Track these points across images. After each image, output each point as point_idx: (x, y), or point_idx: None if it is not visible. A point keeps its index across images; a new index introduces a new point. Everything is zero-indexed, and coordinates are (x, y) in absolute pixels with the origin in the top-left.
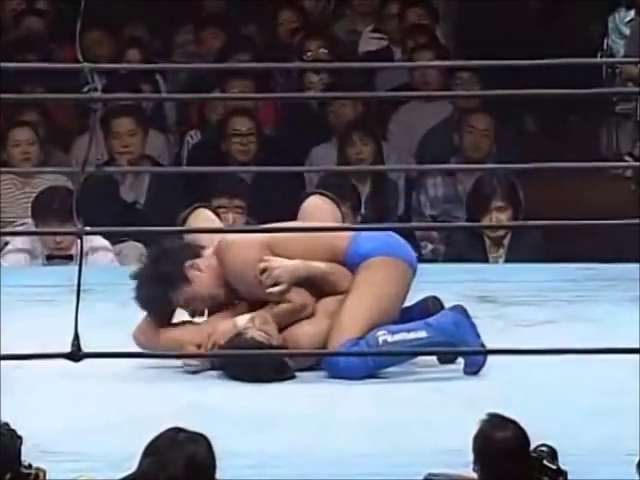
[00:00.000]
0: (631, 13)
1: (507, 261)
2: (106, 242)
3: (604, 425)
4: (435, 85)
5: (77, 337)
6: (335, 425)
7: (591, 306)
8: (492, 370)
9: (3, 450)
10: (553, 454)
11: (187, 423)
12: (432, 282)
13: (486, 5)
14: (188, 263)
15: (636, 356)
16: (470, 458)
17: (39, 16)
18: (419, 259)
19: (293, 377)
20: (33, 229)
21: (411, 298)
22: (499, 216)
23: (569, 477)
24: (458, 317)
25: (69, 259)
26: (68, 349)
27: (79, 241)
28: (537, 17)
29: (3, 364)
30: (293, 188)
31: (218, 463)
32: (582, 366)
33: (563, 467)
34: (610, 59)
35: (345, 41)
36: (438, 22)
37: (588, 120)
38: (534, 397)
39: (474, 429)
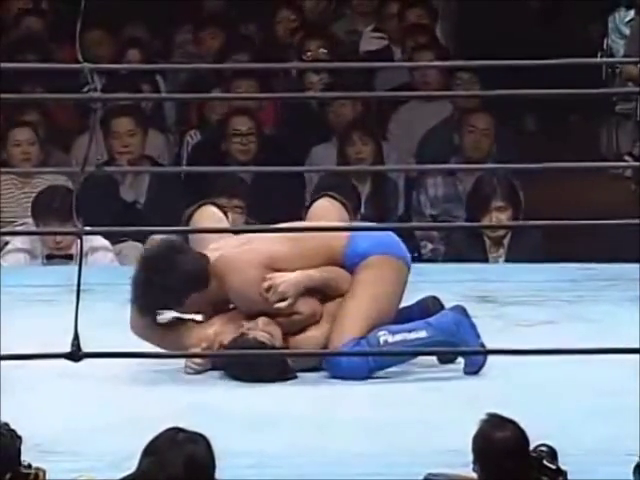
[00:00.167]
0: (631, 13)
1: (507, 261)
2: (106, 242)
3: (604, 425)
4: (435, 85)
5: (77, 337)
6: (335, 425)
7: (591, 306)
8: (492, 370)
9: (3, 450)
10: (553, 454)
11: (187, 423)
12: (432, 282)
13: (486, 5)
14: (189, 298)
15: (636, 356)
16: (470, 458)
17: (39, 16)
18: (419, 259)
19: (295, 378)
20: (33, 229)
21: (411, 298)
22: (499, 216)
23: (569, 477)
24: (458, 317)
25: (69, 259)
26: (68, 349)
27: (79, 241)
28: (537, 17)
29: (3, 364)
30: (293, 188)
31: (218, 463)
32: (582, 366)
33: (563, 467)
34: (610, 59)
35: (345, 41)
36: (437, 22)
37: (588, 120)
38: (534, 397)
39: (474, 429)
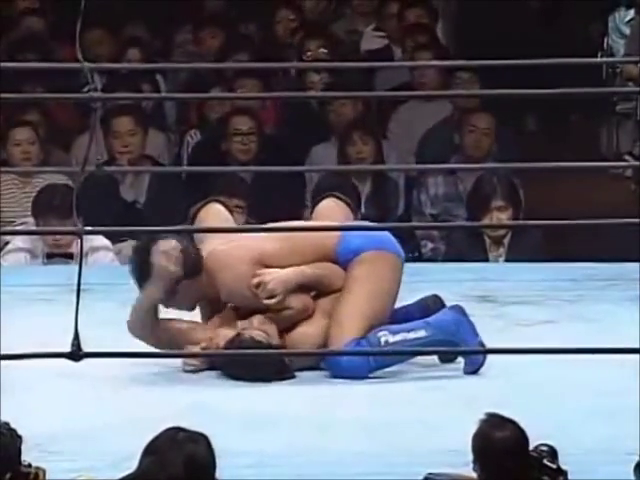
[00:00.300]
0: (631, 12)
1: (507, 260)
2: (107, 241)
3: (604, 425)
4: (434, 85)
5: (77, 337)
6: (335, 425)
7: (591, 306)
8: (492, 369)
9: (3, 449)
10: (553, 453)
11: (187, 423)
12: (432, 281)
13: (486, 5)
14: (180, 284)
15: (636, 356)
16: (470, 457)
17: (39, 15)
18: (420, 258)
19: (293, 377)
20: (33, 228)
21: (411, 298)
22: (499, 215)
23: (569, 476)
24: (457, 317)
25: (69, 257)
26: (68, 349)
27: (79, 240)
28: (537, 17)
29: (3, 363)
30: (293, 188)
31: (218, 462)
32: (582, 366)
33: (563, 466)
34: (610, 59)
35: (345, 41)
36: (438, 22)
37: (588, 120)
38: (534, 397)
39: (474, 429)
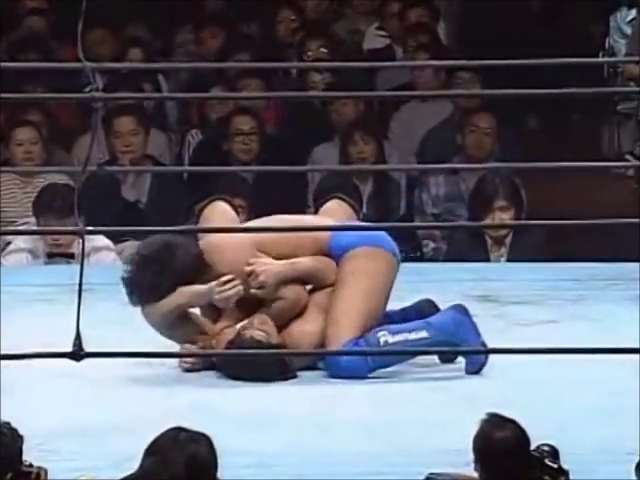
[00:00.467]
0: (632, 12)
1: (508, 260)
2: (108, 241)
3: (605, 425)
4: (435, 85)
5: (79, 336)
6: (335, 425)
7: (593, 305)
8: (493, 369)
9: (4, 449)
10: (555, 453)
11: (188, 422)
12: (433, 281)
13: (488, 5)
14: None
15: (637, 356)
16: (471, 457)
17: (41, 15)
18: (421, 258)
19: (294, 377)
20: (35, 228)
21: (412, 297)
22: (502, 215)
23: (570, 476)
24: (458, 316)
25: (70, 257)
26: (69, 348)
27: (81, 240)
28: (539, 17)
29: (4, 363)
30: (295, 188)
31: (219, 462)
32: (583, 366)
33: (564, 466)
34: (612, 58)
35: (346, 40)
36: (439, 22)
37: (590, 119)
38: (535, 396)
39: (475, 429)
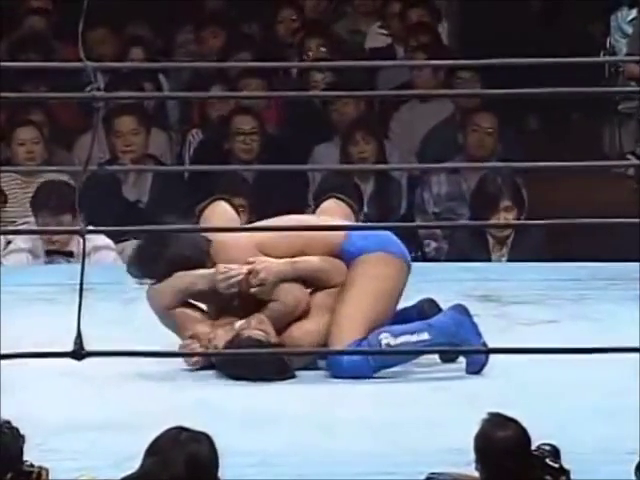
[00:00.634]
0: (633, 12)
1: (509, 260)
2: (109, 241)
3: (606, 424)
4: (436, 84)
5: (80, 336)
6: (337, 424)
7: (594, 305)
8: (494, 369)
9: (5, 449)
10: (556, 453)
11: (189, 421)
12: (434, 281)
13: (488, 5)
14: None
15: (638, 355)
16: (472, 457)
17: (42, 15)
18: (423, 258)
19: (293, 377)
20: (34, 228)
21: (413, 297)
22: (506, 216)
23: (571, 476)
24: (459, 317)
25: (69, 255)
26: (70, 348)
27: (81, 240)
28: (540, 16)
29: (5, 363)
30: (296, 187)
31: (220, 462)
32: (584, 365)
33: (565, 466)
34: (612, 58)
35: (347, 40)
36: (440, 22)
37: (591, 119)
38: (536, 396)
39: (476, 428)
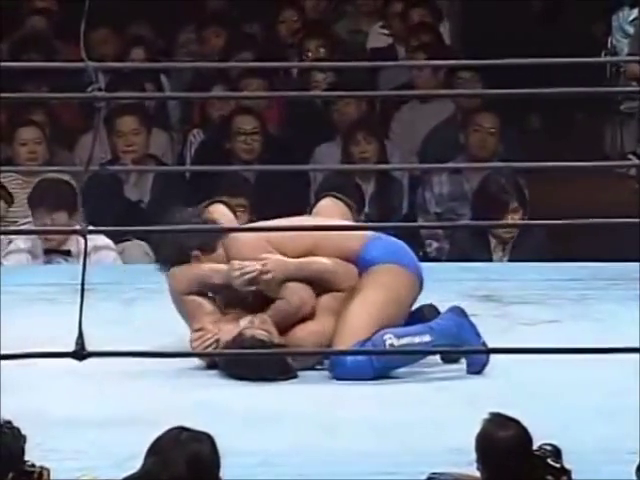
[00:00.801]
0: (635, 12)
1: (511, 260)
2: (109, 241)
3: (607, 424)
4: (437, 84)
5: (81, 336)
6: (339, 424)
7: (595, 305)
8: (495, 369)
9: (6, 448)
10: (557, 453)
11: (190, 422)
12: (436, 280)
13: (490, 5)
14: (194, 252)
15: (639, 355)
16: (473, 457)
17: (44, 15)
18: (424, 258)
19: (295, 377)
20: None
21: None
22: (514, 217)
23: (572, 476)
24: (458, 319)
25: (67, 254)
26: (71, 348)
27: (82, 240)
28: (541, 17)
29: (6, 363)
30: (297, 187)
31: (223, 462)
32: (585, 365)
33: (567, 466)
34: (614, 58)
35: (347, 40)
36: (442, 22)
37: (592, 119)
38: (537, 396)
39: (477, 428)
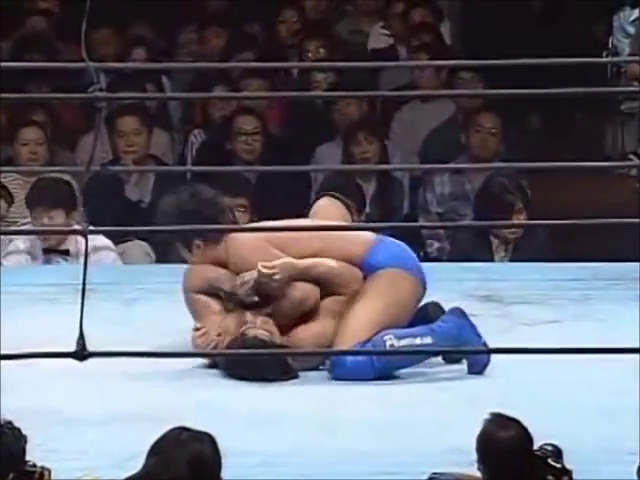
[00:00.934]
0: (636, 12)
1: (512, 260)
2: (108, 241)
3: (608, 424)
4: (438, 85)
5: (82, 336)
6: (340, 425)
7: (596, 305)
8: (496, 369)
9: (6, 449)
10: (558, 453)
11: (192, 422)
12: (437, 280)
13: (490, 5)
14: (197, 242)
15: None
16: (474, 457)
17: (45, 15)
18: (425, 258)
19: (296, 377)
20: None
21: None
22: (518, 217)
23: (573, 476)
24: (459, 321)
25: (65, 254)
26: (72, 348)
27: (83, 239)
28: (541, 17)
29: (7, 363)
30: (298, 187)
31: (223, 462)
32: (586, 365)
33: (568, 466)
34: (615, 58)
35: (348, 41)
36: (442, 22)
37: (593, 119)
38: (538, 396)
39: (478, 428)
